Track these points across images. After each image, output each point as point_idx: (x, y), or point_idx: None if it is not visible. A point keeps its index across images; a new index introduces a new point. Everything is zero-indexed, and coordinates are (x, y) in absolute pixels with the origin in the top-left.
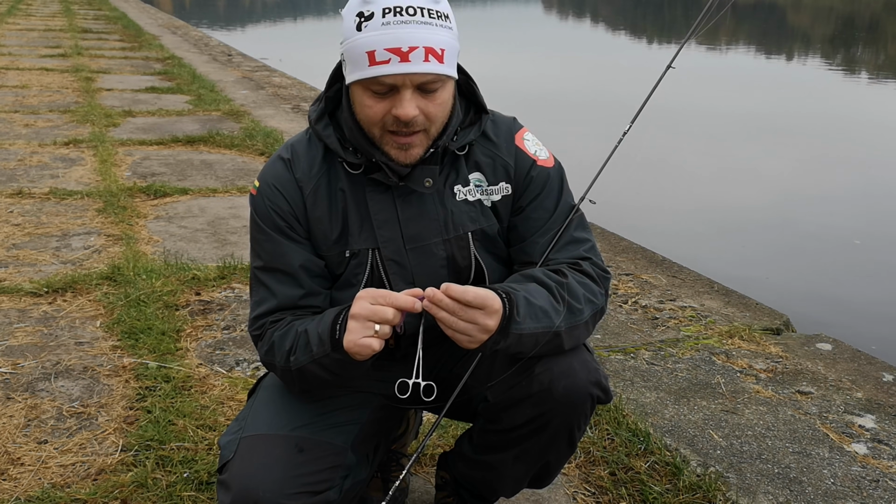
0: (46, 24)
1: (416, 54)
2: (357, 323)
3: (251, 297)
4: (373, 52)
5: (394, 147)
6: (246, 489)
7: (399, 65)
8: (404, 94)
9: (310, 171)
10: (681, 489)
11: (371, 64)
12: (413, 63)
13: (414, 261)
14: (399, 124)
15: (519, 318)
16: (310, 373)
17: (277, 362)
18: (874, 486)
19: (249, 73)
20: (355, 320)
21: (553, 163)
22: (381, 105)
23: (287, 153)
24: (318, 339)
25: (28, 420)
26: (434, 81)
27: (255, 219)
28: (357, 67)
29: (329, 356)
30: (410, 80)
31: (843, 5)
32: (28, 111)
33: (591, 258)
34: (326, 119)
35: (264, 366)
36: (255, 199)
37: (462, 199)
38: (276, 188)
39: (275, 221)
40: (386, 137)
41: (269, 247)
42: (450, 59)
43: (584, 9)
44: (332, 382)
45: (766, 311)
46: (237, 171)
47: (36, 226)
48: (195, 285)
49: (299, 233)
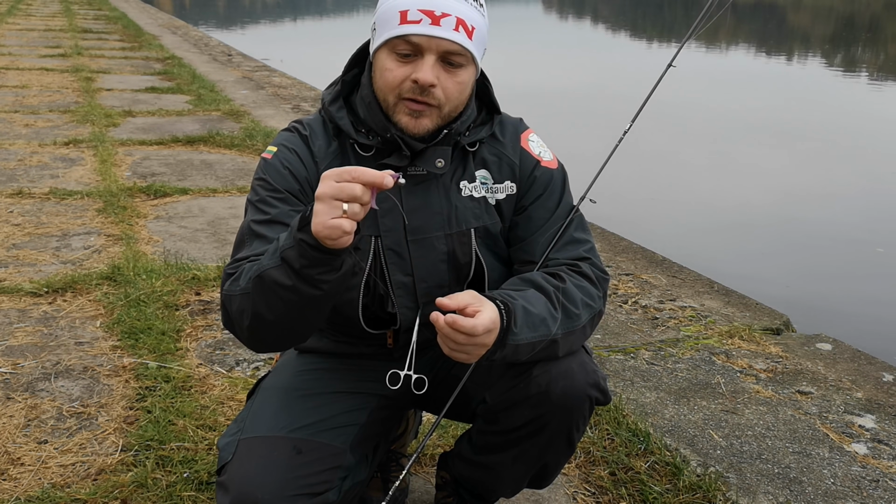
0: (46, 24)
1: (448, 21)
2: (323, 204)
3: (237, 249)
4: (406, 11)
5: (405, 113)
6: (245, 491)
7: (429, 27)
8: (427, 59)
9: (326, 149)
10: (681, 489)
11: (402, 22)
12: (443, 28)
13: (414, 253)
14: (416, 91)
15: (516, 328)
16: (269, 280)
17: (239, 286)
18: (874, 486)
19: (249, 73)
20: (321, 201)
21: (556, 164)
22: (402, 69)
23: (305, 129)
24: (287, 232)
25: (28, 420)
26: (458, 54)
27: (265, 179)
28: (387, 27)
29: (295, 242)
30: (437, 45)
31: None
32: (28, 111)
33: (590, 258)
34: (341, 102)
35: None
36: (270, 162)
37: (467, 195)
38: (297, 152)
39: (289, 182)
40: (400, 105)
41: (277, 203)
42: (478, 41)
43: (584, 9)
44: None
45: (766, 311)
46: (237, 171)
47: (36, 226)
48: (195, 285)
49: (307, 202)
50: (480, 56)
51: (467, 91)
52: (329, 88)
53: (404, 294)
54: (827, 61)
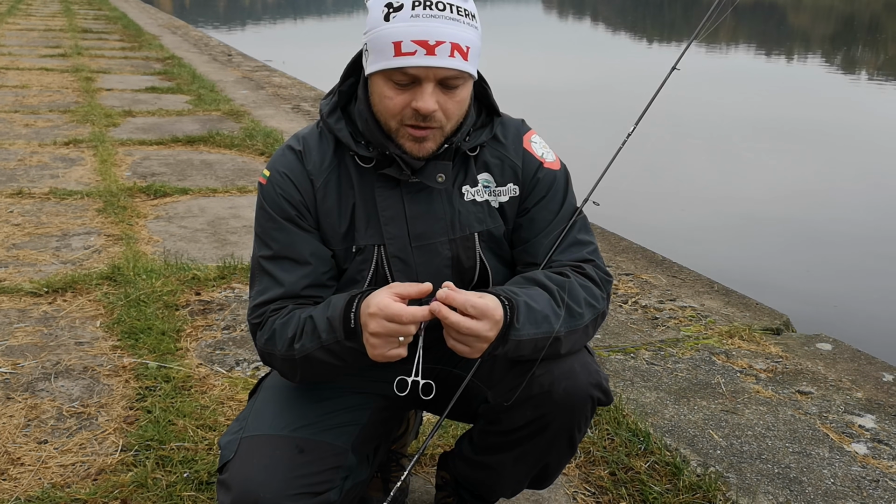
0: (46, 24)
1: (443, 49)
2: (380, 339)
3: (252, 287)
4: (399, 42)
5: (409, 140)
6: (246, 490)
7: (424, 57)
8: (426, 87)
9: (321, 164)
10: (681, 489)
11: (397, 54)
12: (438, 57)
13: (419, 259)
14: (417, 118)
15: (518, 324)
16: (317, 360)
17: (278, 350)
18: (874, 486)
19: (249, 73)
20: (377, 337)
21: (559, 166)
22: (401, 97)
23: (299, 145)
24: (327, 325)
25: (28, 420)
26: (456, 78)
27: (264, 207)
28: (381, 57)
29: (340, 344)
30: (434, 73)
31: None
32: (28, 111)
33: (594, 260)
34: (339, 113)
35: (261, 356)
36: (265, 188)
37: (470, 199)
38: (288, 177)
39: (285, 210)
40: (402, 130)
41: (278, 235)
42: (473, 58)
43: (584, 9)
44: (341, 369)
45: (766, 311)
46: (237, 171)
47: (36, 226)
48: (195, 285)
49: (309, 223)
50: (476, 67)
51: (466, 104)
52: (326, 99)
53: None
54: (827, 61)
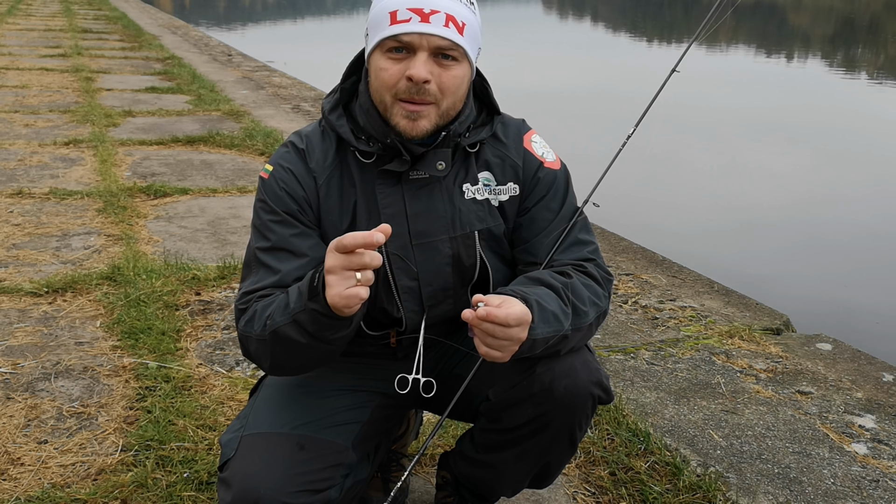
0: (46, 24)
1: (437, 17)
2: (335, 276)
3: (245, 277)
4: (395, 11)
5: (402, 116)
6: (247, 487)
7: (419, 24)
8: (420, 55)
9: (324, 162)
10: (681, 489)
11: (392, 23)
12: (433, 24)
13: (419, 257)
14: (411, 90)
15: (534, 324)
16: (284, 336)
17: (254, 332)
18: (874, 486)
19: (249, 73)
20: (333, 274)
21: (559, 165)
22: (395, 68)
23: (302, 143)
24: (297, 294)
25: (28, 420)
26: (451, 49)
27: (265, 200)
28: (378, 29)
29: (307, 310)
30: (428, 41)
31: (843, 5)
32: (28, 111)
33: (595, 260)
34: (340, 110)
35: (240, 341)
36: (267, 182)
37: (470, 197)
38: (292, 172)
39: (287, 204)
40: (396, 107)
41: (277, 228)
42: (469, 36)
43: (584, 9)
44: (308, 349)
45: (766, 311)
46: (237, 171)
47: (36, 226)
48: (195, 285)
49: (310, 219)
50: (475, 55)
51: (463, 87)
52: (328, 97)
53: (410, 298)
54: (827, 61)
